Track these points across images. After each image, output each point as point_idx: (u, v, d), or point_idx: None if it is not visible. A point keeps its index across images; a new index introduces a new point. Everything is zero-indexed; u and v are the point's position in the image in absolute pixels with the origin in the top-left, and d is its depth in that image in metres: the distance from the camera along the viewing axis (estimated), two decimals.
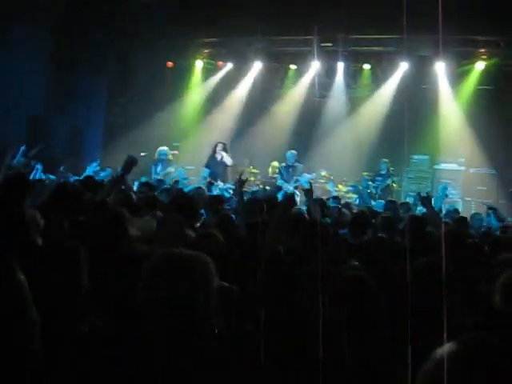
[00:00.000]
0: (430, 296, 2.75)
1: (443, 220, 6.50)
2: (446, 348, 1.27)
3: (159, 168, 11.31)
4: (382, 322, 2.85)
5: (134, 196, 5.49)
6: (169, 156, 11.86)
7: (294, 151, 11.95)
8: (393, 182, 11.94)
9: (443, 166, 12.70)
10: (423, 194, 6.30)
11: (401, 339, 2.43)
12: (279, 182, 11.44)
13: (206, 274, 1.89)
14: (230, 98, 14.36)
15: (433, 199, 10.88)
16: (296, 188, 10.90)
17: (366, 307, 2.60)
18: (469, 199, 12.20)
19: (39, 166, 8.29)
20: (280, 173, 11.87)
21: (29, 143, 9.50)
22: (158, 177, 10.70)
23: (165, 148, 11.78)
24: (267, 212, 5.34)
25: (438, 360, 1.26)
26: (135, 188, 7.30)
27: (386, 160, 12.08)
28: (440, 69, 12.79)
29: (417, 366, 1.36)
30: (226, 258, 3.33)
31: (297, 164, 11.78)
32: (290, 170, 11.68)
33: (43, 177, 8.20)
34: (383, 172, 11.85)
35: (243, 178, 6.16)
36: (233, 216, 5.25)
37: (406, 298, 2.55)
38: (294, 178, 11.42)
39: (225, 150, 11.97)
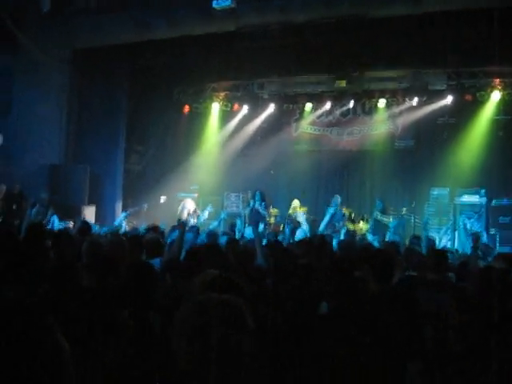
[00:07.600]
0: None
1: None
2: None
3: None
4: None
5: None
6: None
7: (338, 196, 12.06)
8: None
9: (464, 198, 12.47)
10: None
11: None
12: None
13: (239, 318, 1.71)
14: (246, 140, 14.51)
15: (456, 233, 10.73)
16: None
17: None
18: (493, 232, 11.90)
19: (55, 218, 8.40)
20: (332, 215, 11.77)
21: (51, 191, 9.68)
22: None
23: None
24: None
25: None
26: None
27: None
28: (454, 101, 12.78)
29: None
30: None
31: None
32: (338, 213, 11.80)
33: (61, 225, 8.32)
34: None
35: None
36: None
37: None
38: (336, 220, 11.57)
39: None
